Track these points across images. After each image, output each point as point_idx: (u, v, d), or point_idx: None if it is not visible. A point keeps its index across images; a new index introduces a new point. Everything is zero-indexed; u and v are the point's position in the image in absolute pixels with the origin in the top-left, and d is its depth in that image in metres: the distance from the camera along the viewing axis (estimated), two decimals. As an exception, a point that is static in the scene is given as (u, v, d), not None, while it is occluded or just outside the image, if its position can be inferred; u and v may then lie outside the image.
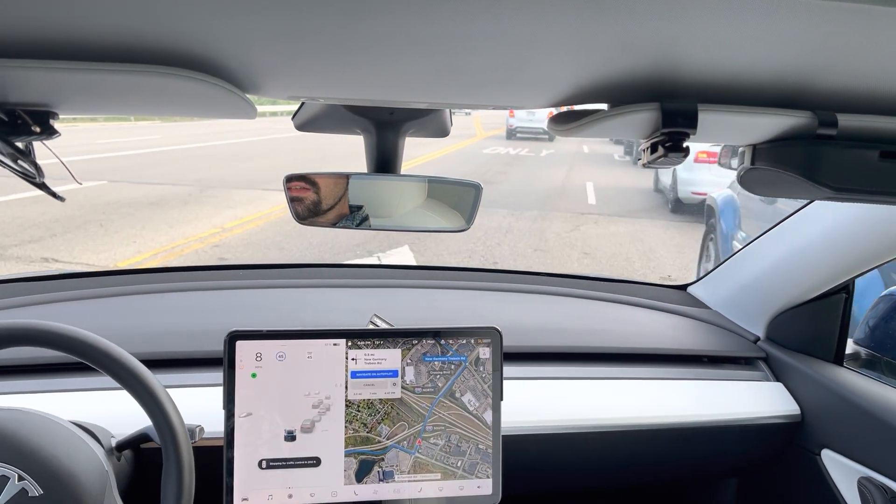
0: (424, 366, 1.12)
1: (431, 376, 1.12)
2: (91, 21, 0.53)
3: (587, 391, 1.43)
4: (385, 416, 1.10)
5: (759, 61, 0.60)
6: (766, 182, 0.88)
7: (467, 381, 1.13)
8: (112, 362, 0.91)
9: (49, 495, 0.86)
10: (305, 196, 1.03)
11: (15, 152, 0.68)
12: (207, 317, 1.53)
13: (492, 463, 1.14)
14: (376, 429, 1.10)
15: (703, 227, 6.14)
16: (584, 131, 0.81)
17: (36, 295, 1.55)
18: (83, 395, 1.21)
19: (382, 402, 1.10)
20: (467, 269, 1.93)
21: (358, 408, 1.09)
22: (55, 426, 0.93)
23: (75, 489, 0.88)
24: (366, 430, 1.10)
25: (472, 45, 0.58)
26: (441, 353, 1.13)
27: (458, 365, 1.13)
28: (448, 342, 1.13)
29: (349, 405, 1.10)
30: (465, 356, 1.13)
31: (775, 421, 1.46)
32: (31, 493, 0.85)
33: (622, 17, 0.49)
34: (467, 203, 1.09)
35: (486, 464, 1.13)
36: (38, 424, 0.92)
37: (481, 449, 1.13)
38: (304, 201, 1.04)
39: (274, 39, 0.57)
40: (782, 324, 1.59)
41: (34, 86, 0.64)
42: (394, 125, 1.09)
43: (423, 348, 1.12)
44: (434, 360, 1.12)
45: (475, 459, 1.13)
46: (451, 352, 1.13)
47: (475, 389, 1.13)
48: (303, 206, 1.04)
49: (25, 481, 0.85)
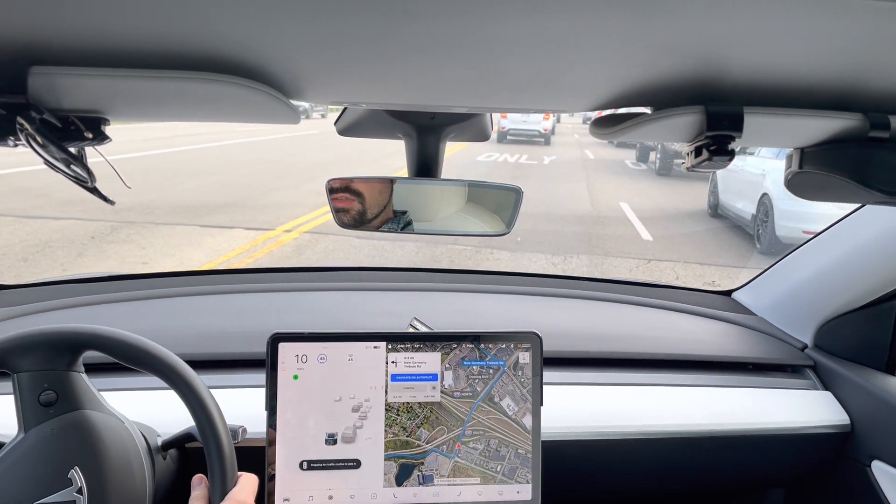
0: (463, 370, 1.12)
1: (470, 381, 1.12)
2: (142, 30, 0.54)
3: (629, 397, 1.42)
4: (424, 420, 1.11)
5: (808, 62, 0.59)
6: (815, 186, 0.86)
7: (506, 386, 1.13)
8: (159, 363, 0.93)
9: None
10: (349, 202, 1.05)
11: (68, 157, 0.70)
12: (250, 319, 1.55)
13: (531, 468, 1.13)
14: (416, 433, 1.10)
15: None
16: (626, 135, 0.81)
17: (85, 297, 1.60)
18: (132, 394, 1.24)
19: (422, 406, 1.10)
20: (507, 273, 1.93)
21: (398, 412, 1.10)
22: (132, 446, 0.96)
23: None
24: (405, 433, 1.10)
25: (513, 49, 0.57)
26: (480, 357, 1.12)
27: (496, 369, 1.13)
28: (487, 346, 1.13)
29: (389, 409, 1.10)
30: (503, 361, 1.13)
31: (823, 431, 1.43)
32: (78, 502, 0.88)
33: (666, 20, 0.49)
34: (507, 207, 1.09)
35: (525, 468, 1.12)
36: (124, 442, 0.94)
37: (520, 454, 1.13)
38: (348, 207, 1.05)
39: (319, 46, 0.58)
40: (831, 331, 1.55)
41: (87, 93, 0.66)
42: (435, 129, 1.09)
43: (461, 352, 1.12)
44: (473, 365, 1.12)
45: (514, 464, 1.12)
46: (489, 356, 1.13)
47: (514, 394, 1.13)
48: (346, 212, 1.05)
49: (81, 497, 0.87)
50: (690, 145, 0.80)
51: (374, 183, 1.05)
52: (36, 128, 0.64)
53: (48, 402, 0.90)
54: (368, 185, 1.05)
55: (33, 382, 0.89)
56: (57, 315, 1.51)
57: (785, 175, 0.89)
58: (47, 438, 0.88)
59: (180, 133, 19.85)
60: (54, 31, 0.55)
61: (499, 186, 1.09)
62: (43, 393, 0.90)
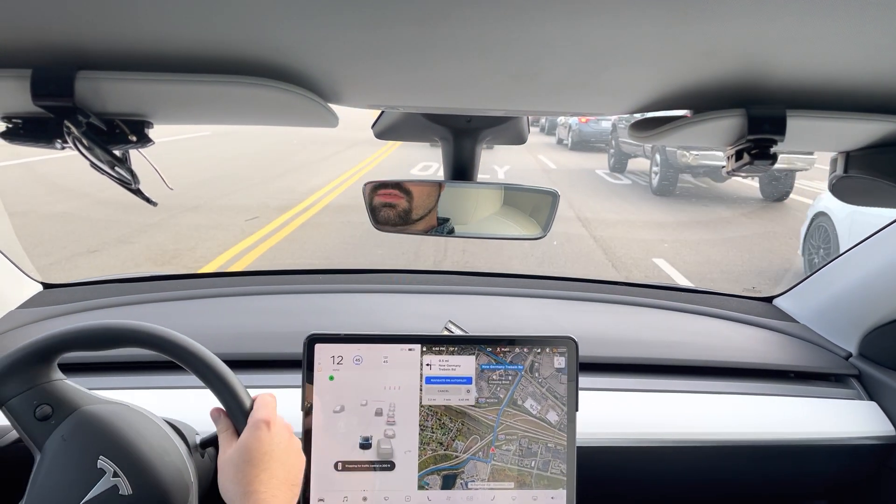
0: (484, 378, 1.13)
1: (492, 388, 1.13)
2: (183, 35, 0.55)
3: (667, 404, 1.40)
4: (458, 433, 1.12)
5: (852, 63, 0.58)
6: (861, 191, 0.84)
7: (526, 388, 1.14)
8: (198, 361, 0.94)
9: (137, 496, 0.89)
10: (390, 204, 1.05)
11: (113, 160, 0.71)
12: (287, 320, 1.57)
13: (566, 474, 1.13)
14: (452, 445, 1.12)
15: None
16: (665, 138, 0.80)
17: (127, 296, 1.63)
18: (171, 392, 1.26)
19: (453, 420, 1.12)
20: (542, 277, 1.92)
21: (432, 430, 1.12)
22: (152, 426, 0.97)
23: (163, 494, 0.91)
24: (443, 448, 1.11)
25: (549, 51, 0.57)
26: (497, 363, 1.13)
27: (514, 374, 1.14)
28: (503, 352, 1.14)
29: (423, 419, 1.11)
30: (520, 365, 1.14)
31: (868, 442, 1.39)
32: (122, 490, 0.89)
33: (706, 21, 0.48)
34: (544, 210, 1.09)
35: (557, 460, 1.13)
36: (138, 422, 0.96)
37: (550, 447, 1.13)
38: (387, 210, 1.06)
39: (358, 52, 0.59)
40: (877, 339, 1.51)
41: (131, 97, 0.67)
42: (471, 132, 1.09)
43: (480, 360, 1.13)
44: (493, 371, 1.13)
45: (547, 458, 1.14)
46: (506, 362, 1.14)
47: (535, 395, 1.14)
48: (388, 214, 1.06)
49: (119, 479, 0.89)
50: (731, 149, 0.79)
51: (415, 185, 1.05)
52: (83, 131, 0.66)
53: (45, 416, 0.91)
54: (411, 187, 1.05)
55: (24, 404, 0.91)
56: (99, 314, 1.54)
57: (829, 179, 0.87)
58: (62, 445, 0.90)
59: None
60: (100, 37, 0.57)
61: (535, 190, 1.09)
62: (37, 409, 0.91)
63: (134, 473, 0.90)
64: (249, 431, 0.90)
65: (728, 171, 0.80)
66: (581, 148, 18.68)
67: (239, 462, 0.87)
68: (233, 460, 0.88)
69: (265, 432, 0.89)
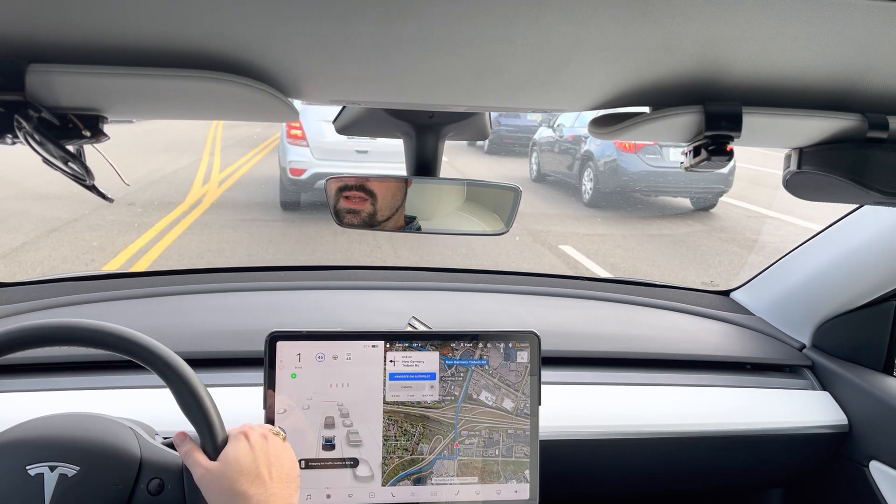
0: (444, 376, 1.14)
1: (447, 387, 1.14)
2: (140, 28, 0.54)
3: (627, 397, 1.42)
4: (421, 437, 1.13)
5: (807, 62, 0.59)
6: (813, 186, 0.86)
7: (478, 382, 1.15)
8: (156, 359, 0.92)
9: (86, 469, 0.87)
10: (353, 202, 1.05)
11: (66, 155, 0.70)
12: (248, 317, 1.55)
13: (529, 468, 1.14)
14: (417, 449, 1.12)
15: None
16: (625, 134, 0.81)
17: (80, 294, 1.59)
18: (128, 392, 1.24)
19: (414, 425, 1.13)
20: (506, 273, 1.93)
21: (395, 437, 1.12)
22: (90, 418, 0.94)
23: (111, 458, 0.89)
24: (409, 454, 1.12)
25: (511, 48, 0.57)
26: (448, 359, 1.14)
27: (465, 370, 1.15)
28: (451, 351, 1.15)
29: (386, 439, 1.12)
30: (468, 360, 1.15)
31: (821, 431, 1.43)
32: (69, 473, 0.87)
33: (665, 19, 0.49)
34: (506, 206, 1.09)
35: (520, 444, 1.15)
36: (73, 420, 0.93)
37: (511, 433, 1.15)
38: (351, 207, 1.05)
39: (318, 46, 0.58)
40: (829, 331, 1.55)
41: (85, 91, 0.65)
42: (433, 128, 1.09)
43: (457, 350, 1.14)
44: (448, 368, 1.14)
45: (509, 444, 1.15)
46: (456, 359, 1.15)
47: (488, 386, 1.16)
48: (350, 212, 1.05)
49: (59, 467, 0.87)
50: (689, 145, 0.80)
51: (380, 183, 1.05)
52: (34, 126, 0.64)
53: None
54: (375, 185, 1.04)
55: None
56: (53, 313, 1.50)
57: (783, 175, 0.89)
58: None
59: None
60: (52, 29, 0.55)
61: (497, 185, 1.09)
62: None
63: (72, 456, 0.88)
64: (231, 445, 0.89)
65: (686, 168, 0.81)
66: (498, 151, 14.01)
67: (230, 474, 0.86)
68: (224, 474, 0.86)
69: (244, 443, 0.89)
